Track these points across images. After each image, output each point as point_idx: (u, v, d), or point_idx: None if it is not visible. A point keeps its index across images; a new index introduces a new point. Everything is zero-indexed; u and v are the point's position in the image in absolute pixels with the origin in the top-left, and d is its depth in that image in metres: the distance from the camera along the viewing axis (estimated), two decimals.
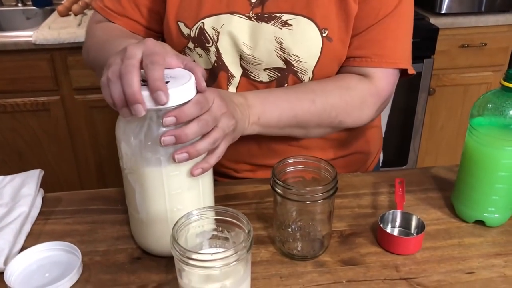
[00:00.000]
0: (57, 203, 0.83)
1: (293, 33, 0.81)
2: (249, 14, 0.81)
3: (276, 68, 0.84)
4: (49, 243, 0.71)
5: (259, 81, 0.85)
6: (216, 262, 0.54)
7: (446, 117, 2.28)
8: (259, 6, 0.81)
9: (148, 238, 0.70)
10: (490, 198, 0.75)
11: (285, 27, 0.80)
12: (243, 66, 0.84)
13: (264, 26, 0.81)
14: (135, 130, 0.62)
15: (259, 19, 0.81)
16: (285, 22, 0.80)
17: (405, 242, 0.72)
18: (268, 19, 0.81)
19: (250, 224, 0.58)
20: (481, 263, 0.70)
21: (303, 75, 0.84)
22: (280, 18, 0.81)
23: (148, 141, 0.62)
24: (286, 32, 0.81)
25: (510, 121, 0.70)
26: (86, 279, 0.68)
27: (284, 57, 0.82)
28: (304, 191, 0.66)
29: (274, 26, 0.81)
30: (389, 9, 0.82)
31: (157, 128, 0.61)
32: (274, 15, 0.81)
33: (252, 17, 0.81)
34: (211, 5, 0.81)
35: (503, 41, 2.15)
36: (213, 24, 0.82)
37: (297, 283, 0.67)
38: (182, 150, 0.62)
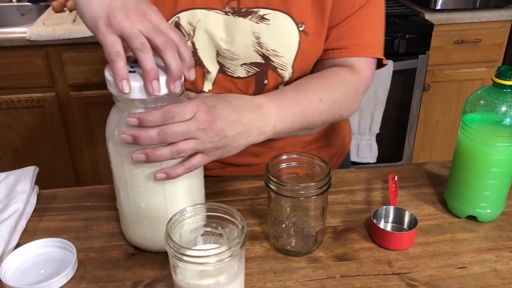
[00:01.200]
0: (52, 200, 0.84)
1: (270, 27, 0.81)
2: (225, 9, 0.80)
3: (254, 63, 0.84)
4: (44, 240, 0.72)
5: (236, 76, 0.85)
6: (210, 258, 0.54)
7: (441, 113, 2.28)
8: (235, 0, 0.80)
9: (125, 231, 0.74)
10: (482, 193, 0.76)
11: (262, 21, 0.80)
12: (220, 62, 0.84)
13: (241, 20, 0.80)
14: (113, 122, 0.65)
15: (235, 14, 0.80)
16: (262, 17, 0.80)
17: (398, 237, 0.72)
18: (245, 13, 0.80)
19: (243, 220, 0.58)
20: (473, 258, 0.71)
21: (283, 71, 0.84)
22: (257, 12, 0.80)
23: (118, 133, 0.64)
24: (263, 26, 0.81)
25: (502, 117, 0.70)
26: (81, 275, 0.68)
27: (262, 52, 0.82)
28: (297, 187, 0.67)
29: (251, 21, 0.80)
30: (364, 0, 0.83)
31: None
32: (251, 10, 0.80)
33: (228, 12, 0.80)
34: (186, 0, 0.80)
35: (497, 37, 2.16)
36: (189, 19, 0.80)
37: (291, 278, 0.67)
38: (141, 151, 0.62)
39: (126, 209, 0.70)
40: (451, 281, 0.67)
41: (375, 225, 0.73)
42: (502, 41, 2.18)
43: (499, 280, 0.67)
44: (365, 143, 2.17)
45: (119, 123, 0.65)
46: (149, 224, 0.69)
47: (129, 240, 0.73)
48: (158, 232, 0.68)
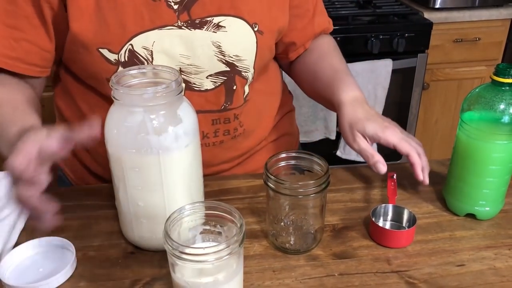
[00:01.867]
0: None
1: (228, 34, 0.80)
2: (177, 23, 0.77)
3: (219, 73, 0.83)
4: (43, 239, 0.72)
5: (204, 90, 0.83)
6: (208, 256, 0.54)
7: (440, 112, 2.29)
8: (183, 12, 0.77)
9: (124, 230, 0.74)
10: (481, 191, 0.76)
11: (218, 30, 0.79)
12: (185, 79, 0.82)
13: (198, 33, 0.79)
14: (111, 121, 0.66)
15: (190, 27, 0.78)
16: (217, 25, 0.79)
17: (396, 235, 0.72)
18: (200, 25, 0.78)
19: (242, 218, 0.58)
20: (471, 255, 0.71)
21: (247, 73, 0.85)
22: (212, 21, 0.79)
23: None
24: (221, 34, 0.80)
25: (500, 115, 0.70)
26: (80, 274, 0.68)
27: (225, 60, 0.82)
28: (296, 185, 0.67)
29: (208, 31, 0.79)
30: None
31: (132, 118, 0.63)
32: (205, 20, 0.79)
33: (182, 26, 0.78)
34: (134, 23, 0.76)
35: (496, 35, 2.16)
36: (142, 43, 0.77)
37: (289, 276, 0.67)
38: None
39: (124, 208, 0.70)
40: (450, 279, 0.67)
41: (374, 224, 0.73)
42: (501, 39, 2.18)
43: (497, 278, 0.67)
44: None
45: (118, 122, 0.65)
46: (147, 223, 0.69)
47: (128, 238, 0.73)
48: (157, 230, 0.68)
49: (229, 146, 0.91)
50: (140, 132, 0.63)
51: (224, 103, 0.86)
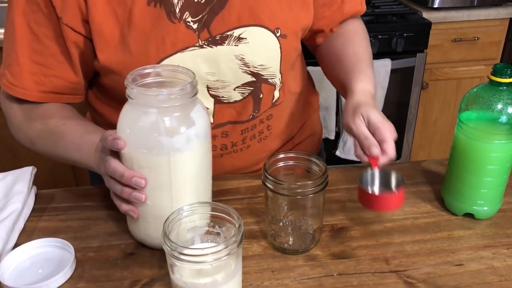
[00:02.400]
0: (50, 200, 0.84)
1: (250, 45, 0.80)
2: (199, 43, 0.77)
3: (246, 84, 0.83)
4: (42, 240, 0.72)
5: (233, 101, 0.84)
6: (207, 257, 0.54)
7: (440, 111, 2.29)
8: (203, 30, 0.77)
9: (130, 226, 0.74)
10: (479, 191, 0.76)
11: (240, 42, 0.79)
12: (213, 94, 0.82)
13: (220, 49, 0.78)
14: (124, 119, 0.67)
15: (212, 44, 0.78)
16: (238, 38, 0.79)
17: (386, 199, 0.71)
18: (221, 40, 0.78)
19: (240, 218, 0.58)
20: (470, 255, 0.71)
21: (274, 79, 0.85)
22: (232, 35, 0.79)
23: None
24: (243, 46, 0.79)
25: (498, 114, 0.71)
26: (79, 275, 0.68)
27: (250, 71, 0.82)
28: (294, 185, 0.67)
29: (230, 45, 0.79)
30: None
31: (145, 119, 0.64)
32: (225, 35, 0.78)
33: (203, 45, 0.78)
34: (157, 50, 0.76)
35: (495, 35, 2.16)
36: None
37: (288, 276, 0.67)
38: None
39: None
40: (448, 279, 0.67)
41: (362, 190, 0.71)
42: (500, 39, 2.18)
43: (496, 277, 0.67)
44: None
45: (131, 121, 0.65)
46: (154, 222, 0.69)
47: (135, 236, 0.73)
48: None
49: (256, 149, 0.91)
50: (152, 132, 0.63)
51: (252, 112, 0.87)
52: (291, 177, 0.73)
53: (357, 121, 0.75)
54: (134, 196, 0.66)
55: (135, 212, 0.68)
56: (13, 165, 1.78)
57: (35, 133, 0.83)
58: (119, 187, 0.67)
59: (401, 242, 0.74)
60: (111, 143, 0.65)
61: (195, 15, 0.76)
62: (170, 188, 0.67)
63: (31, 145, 0.85)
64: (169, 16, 0.75)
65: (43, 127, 0.82)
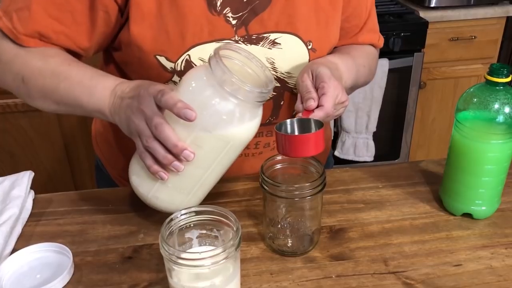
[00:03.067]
0: (47, 204, 0.83)
1: (283, 51, 0.80)
2: (235, 38, 0.78)
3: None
4: (40, 245, 0.72)
5: None
6: (204, 261, 0.54)
7: (438, 110, 2.29)
8: (241, 27, 0.78)
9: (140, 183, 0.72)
10: (477, 191, 0.76)
11: (274, 46, 0.80)
12: None
13: (253, 48, 0.79)
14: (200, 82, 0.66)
15: (247, 42, 0.79)
16: (273, 42, 0.80)
17: (302, 140, 0.66)
18: (256, 40, 0.79)
19: (238, 222, 0.58)
20: (468, 255, 0.71)
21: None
22: (268, 38, 0.80)
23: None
24: (276, 51, 0.80)
25: (495, 114, 0.71)
26: (77, 279, 0.68)
27: (277, 76, 0.82)
28: (292, 188, 0.67)
29: (264, 47, 0.80)
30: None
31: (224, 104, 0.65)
32: (261, 36, 0.79)
33: (239, 41, 0.78)
34: (193, 35, 0.76)
35: (492, 33, 2.17)
36: (200, 54, 0.77)
37: (287, 279, 0.67)
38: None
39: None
40: (446, 279, 0.67)
41: (279, 134, 0.67)
42: (497, 37, 2.18)
43: (494, 277, 0.67)
44: (362, 141, 2.17)
45: (205, 100, 0.64)
46: (172, 188, 0.69)
47: (139, 193, 0.72)
48: (174, 197, 0.70)
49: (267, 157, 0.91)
50: (225, 119, 0.64)
51: (270, 117, 0.87)
52: (289, 179, 0.73)
53: (304, 75, 0.76)
54: (175, 165, 0.65)
55: (166, 174, 0.67)
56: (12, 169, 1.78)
57: (31, 71, 0.75)
58: (163, 152, 0.65)
59: (399, 243, 0.74)
60: (179, 110, 0.62)
61: (235, 12, 0.77)
62: (208, 169, 0.68)
63: (20, 85, 0.76)
64: (210, 8, 0.76)
65: (43, 65, 0.75)
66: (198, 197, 0.72)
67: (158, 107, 0.65)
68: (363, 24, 0.93)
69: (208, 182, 0.71)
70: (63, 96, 0.74)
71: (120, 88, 0.71)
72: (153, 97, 0.65)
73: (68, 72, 0.74)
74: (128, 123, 0.68)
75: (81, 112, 0.75)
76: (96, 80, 0.73)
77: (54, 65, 0.75)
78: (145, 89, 0.66)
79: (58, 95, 0.74)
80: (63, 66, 0.75)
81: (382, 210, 0.81)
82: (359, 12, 0.90)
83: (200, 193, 0.72)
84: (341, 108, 0.78)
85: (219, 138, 0.65)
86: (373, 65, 0.97)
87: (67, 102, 0.74)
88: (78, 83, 0.73)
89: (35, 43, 0.76)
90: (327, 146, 1.06)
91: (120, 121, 0.70)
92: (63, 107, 0.76)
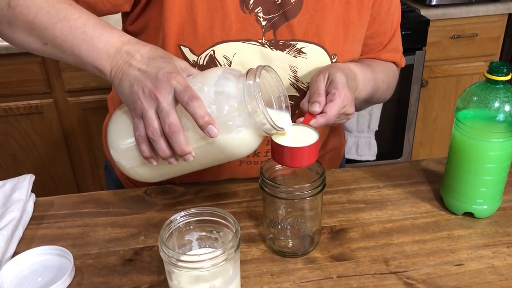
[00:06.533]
0: (48, 207, 0.84)
1: (307, 61, 0.80)
2: (262, 40, 0.77)
3: (289, 97, 0.81)
4: (41, 248, 0.72)
5: None
6: (204, 263, 0.54)
7: (440, 108, 2.28)
8: (270, 30, 0.77)
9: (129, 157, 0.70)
10: (478, 190, 0.75)
11: (299, 55, 0.79)
12: None
13: (278, 54, 0.79)
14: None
15: (273, 47, 0.78)
16: (299, 50, 0.79)
17: (296, 152, 0.66)
18: (283, 47, 0.79)
19: (237, 223, 0.58)
20: (469, 254, 0.71)
21: None
22: (295, 46, 0.79)
23: None
24: (301, 60, 0.80)
25: (495, 113, 0.70)
26: (78, 282, 0.68)
27: (297, 85, 0.82)
28: (292, 188, 0.67)
29: (289, 54, 0.79)
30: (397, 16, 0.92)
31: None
32: (288, 43, 0.79)
33: (265, 44, 0.78)
34: (221, 31, 0.75)
35: (494, 31, 2.16)
36: (224, 52, 0.76)
37: (288, 280, 0.67)
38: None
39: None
40: (448, 279, 0.67)
41: (275, 143, 0.67)
42: (499, 35, 2.17)
43: (496, 276, 0.67)
44: (364, 140, 2.17)
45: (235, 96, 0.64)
46: (154, 169, 0.69)
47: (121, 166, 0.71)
48: (154, 177, 0.72)
49: None
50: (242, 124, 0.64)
51: None
52: (289, 180, 0.73)
53: (320, 76, 0.75)
54: (170, 160, 0.64)
55: (156, 160, 0.65)
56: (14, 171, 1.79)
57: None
58: (165, 148, 0.63)
59: (400, 242, 0.73)
60: (204, 124, 0.60)
61: (266, 13, 0.77)
62: (197, 167, 0.69)
63: (4, 8, 0.65)
64: (242, 4, 0.75)
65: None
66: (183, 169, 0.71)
67: (175, 98, 0.61)
68: (387, 42, 0.92)
69: (189, 171, 0.72)
70: (56, 38, 0.65)
71: (129, 50, 0.65)
72: (175, 89, 0.61)
73: (68, 11, 0.65)
74: (133, 98, 0.63)
75: (73, 61, 0.67)
76: (100, 31, 0.65)
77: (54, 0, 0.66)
78: (164, 72, 0.61)
79: (51, 35, 0.65)
80: (63, 3, 0.66)
81: (383, 210, 0.80)
82: (384, 30, 0.90)
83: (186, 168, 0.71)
84: (343, 119, 0.77)
85: (221, 152, 0.66)
86: (392, 82, 0.96)
87: (59, 47, 0.65)
88: (78, 29, 0.64)
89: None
90: (339, 154, 1.05)
91: (121, 87, 0.64)
92: (51, 50, 0.66)
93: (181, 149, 0.62)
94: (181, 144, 0.62)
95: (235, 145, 0.65)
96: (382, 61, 0.94)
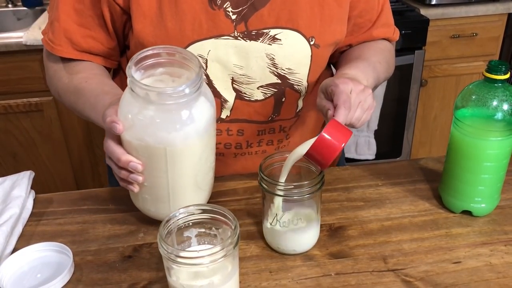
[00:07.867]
0: (48, 204, 0.84)
1: (283, 47, 0.80)
2: (234, 34, 0.78)
3: (270, 84, 0.83)
4: (41, 244, 0.72)
5: (253, 100, 0.85)
6: (203, 259, 0.55)
7: (439, 108, 2.28)
8: (241, 22, 0.78)
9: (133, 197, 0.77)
10: (477, 188, 0.76)
11: (274, 42, 0.80)
12: (236, 88, 0.83)
13: (253, 44, 0.79)
14: (126, 105, 0.67)
15: (246, 38, 0.79)
16: (273, 38, 0.80)
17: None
18: (256, 36, 0.79)
19: (236, 220, 0.58)
20: (467, 252, 0.71)
21: (299, 86, 0.86)
22: (268, 34, 0.79)
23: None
24: (276, 47, 0.80)
25: (493, 112, 0.71)
26: (77, 278, 0.68)
27: (277, 72, 0.82)
28: (290, 186, 0.67)
29: (264, 43, 0.79)
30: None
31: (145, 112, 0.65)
32: (261, 32, 0.79)
33: (238, 36, 0.79)
34: (192, 31, 0.77)
35: (493, 30, 2.16)
36: (198, 51, 0.78)
37: (286, 277, 0.68)
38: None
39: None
40: (446, 276, 0.67)
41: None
42: (498, 34, 2.18)
43: (493, 274, 0.67)
44: (363, 139, 2.17)
45: (131, 110, 0.65)
46: (150, 199, 0.72)
47: (138, 207, 0.76)
48: (160, 207, 0.73)
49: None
50: (150, 127, 0.64)
51: (272, 115, 0.87)
52: (288, 178, 0.73)
53: (347, 80, 0.72)
54: (132, 177, 0.68)
55: (135, 187, 0.70)
56: (14, 169, 1.78)
57: (62, 87, 0.85)
58: (116, 168, 0.69)
59: (398, 240, 0.74)
60: (109, 126, 0.66)
61: (235, 7, 0.77)
62: (167, 176, 0.68)
63: (59, 98, 0.88)
64: (210, 2, 0.77)
65: (69, 82, 0.84)
66: (179, 203, 0.70)
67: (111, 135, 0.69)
68: (376, 19, 0.92)
69: (179, 188, 0.70)
70: (80, 111, 0.83)
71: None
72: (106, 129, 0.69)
73: (85, 89, 0.81)
74: None
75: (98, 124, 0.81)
76: (99, 98, 0.78)
77: (76, 82, 0.82)
78: (104, 117, 0.69)
79: (78, 109, 0.83)
80: (81, 84, 0.82)
81: (382, 208, 0.81)
82: (371, 6, 0.90)
83: (179, 200, 0.71)
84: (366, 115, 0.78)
85: (154, 146, 0.65)
86: (390, 59, 0.96)
87: (85, 116, 0.82)
88: (87, 100, 0.80)
89: (68, 52, 0.83)
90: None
91: None
92: (85, 118, 0.84)
93: (117, 159, 0.68)
94: (114, 154, 0.68)
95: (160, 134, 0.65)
96: (374, 42, 0.94)
